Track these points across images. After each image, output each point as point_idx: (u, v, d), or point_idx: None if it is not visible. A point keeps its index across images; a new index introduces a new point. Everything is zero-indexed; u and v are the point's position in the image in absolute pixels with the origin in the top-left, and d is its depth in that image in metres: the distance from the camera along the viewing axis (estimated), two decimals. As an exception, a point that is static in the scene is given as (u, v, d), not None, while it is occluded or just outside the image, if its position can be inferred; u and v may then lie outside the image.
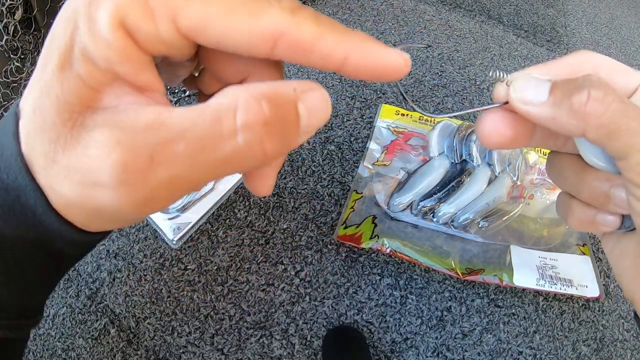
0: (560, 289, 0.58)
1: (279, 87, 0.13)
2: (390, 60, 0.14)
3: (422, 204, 0.63)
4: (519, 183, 0.66)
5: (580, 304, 0.61)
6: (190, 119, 0.12)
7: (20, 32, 0.66)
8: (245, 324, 0.57)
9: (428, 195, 0.64)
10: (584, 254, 0.62)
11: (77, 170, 0.12)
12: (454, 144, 0.67)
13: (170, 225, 0.60)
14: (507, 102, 0.18)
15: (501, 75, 0.18)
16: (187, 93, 0.80)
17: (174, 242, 0.60)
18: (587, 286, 0.59)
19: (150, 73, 0.13)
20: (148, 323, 0.56)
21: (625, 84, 0.18)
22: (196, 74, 0.18)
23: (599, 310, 0.61)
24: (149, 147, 0.12)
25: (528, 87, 0.17)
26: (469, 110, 0.19)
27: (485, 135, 0.18)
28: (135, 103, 0.13)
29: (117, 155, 0.12)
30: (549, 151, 0.21)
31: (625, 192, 0.17)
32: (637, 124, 0.15)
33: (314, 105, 0.14)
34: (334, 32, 0.13)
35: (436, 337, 0.58)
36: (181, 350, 0.54)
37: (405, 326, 0.58)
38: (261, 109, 0.12)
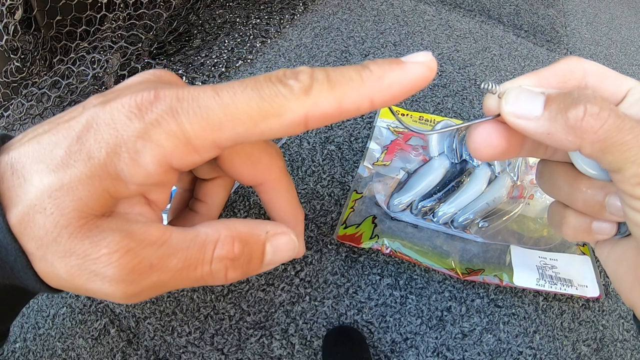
0: (560, 289, 0.58)
1: (254, 229, 0.17)
2: (413, 76, 0.15)
3: (422, 204, 0.63)
4: (519, 183, 0.66)
5: (580, 304, 0.61)
6: (184, 243, 0.16)
7: (20, 32, 0.66)
8: (245, 324, 0.57)
9: (428, 195, 0.64)
10: (584, 254, 0.62)
11: (80, 257, 0.14)
12: (454, 144, 0.67)
13: (170, 225, 0.60)
14: (498, 115, 0.17)
15: (492, 86, 0.18)
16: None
17: (174, 242, 0.60)
18: (587, 286, 0.59)
19: (167, 194, 0.16)
20: (148, 323, 0.56)
21: (615, 90, 0.18)
22: None
23: (599, 310, 0.61)
24: (151, 259, 0.15)
25: (521, 100, 0.17)
26: (460, 125, 0.19)
27: (477, 148, 0.18)
28: (142, 214, 0.16)
29: (126, 261, 0.14)
30: None
31: (621, 202, 0.17)
32: (632, 137, 0.15)
33: (280, 247, 0.17)
34: (350, 87, 0.14)
35: (436, 337, 0.58)
36: (181, 350, 0.54)
37: (405, 326, 0.58)
38: (232, 248, 0.16)
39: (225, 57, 0.88)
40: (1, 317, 0.19)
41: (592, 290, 0.59)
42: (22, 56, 0.69)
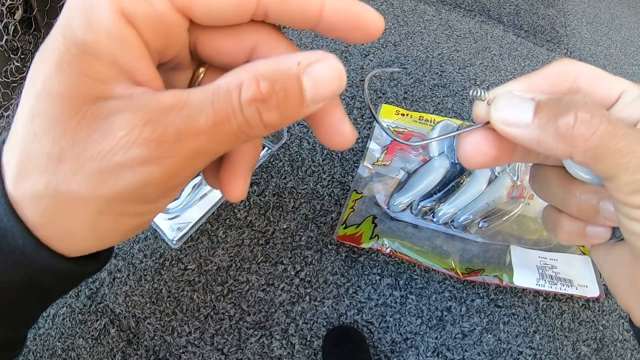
0: (560, 289, 0.58)
1: (280, 63, 0.14)
2: (365, 13, 0.15)
3: (422, 204, 0.63)
4: (519, 183, 0.66)
5: (580, 304, 0.61)
6: (207, 98, 0.13)
7: (20, 32, 0.66)
8: (245, 324, 0.57)
9: (428, 195, 0.64)
10: (584, 254, 0.62)
11: (95, 157, 0.12)
12: (454, 144, 0.67)
13: (170, 225, 0.60)
14: (488, 122, 0.17)
15: (481, 93, 0.17)
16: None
17: (174, 242, 0.60)
18: (587, 286, 0.59)
19: (151, 68, 0.14)
20: (148, 323, 0.56)
21: (608, 92, 0.17)
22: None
23: (599, 310, 0.61)
24: (176, 124, 0.13)
25: (510, 107, 0.16)
26: (448, 135, 0.19)
27: (467, 156, 0.18)
28: (147, 92, 0.13)
29: (148, 133, 0.12)
30: None
31: (614, 209, 0.16)
32: (625, 144, 0.14)
33: (321, 77, 0.14)
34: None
35: (436, 337, 0.58)
36: (181, 350, 0.54)
37: (405, 326, 0.58)
38: (257, 88, 0.13)
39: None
40: (18, 320, 0.17)
41: (592, 290, 0.59)
42: (22, 56, 0.69)
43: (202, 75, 0.17)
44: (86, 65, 0.13)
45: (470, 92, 0.17)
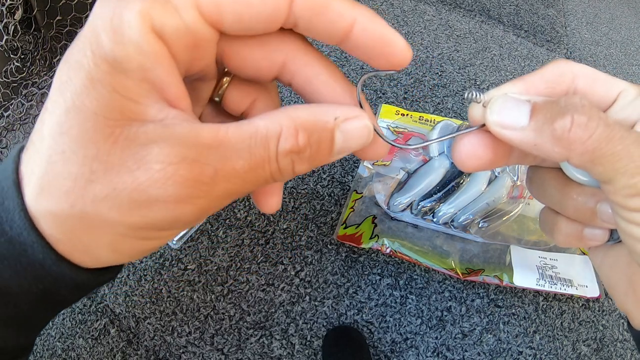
0: (560, 289, 0.58)
1: (320, 115, 0.14)
2: (394, 38, 0.14)
3: (422, 204, 0.63)
4: (519, 183, 0.66)
5: (580, 304, 0.61)
6: (245, 140, 0.13)
7: (20, 32, 0.66)
8: (245, 324, 0.57)
9: (428, 195, 0.64)
10: (584, 254, 0.62)
11: (129, 186, 0.12)
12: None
13: (170, 225, 0.60)
14: (484, 125, 0.17)
15: (476, 95, 0.17)
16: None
17: (174, 242, 0.60)
18: (587, 286, 0.59)
19: (180, 84, 0.14)
20: (148, 323, 0.56)
21: (605, 93, 0.17)
22: (217, 99, 0.18)
23: (599, 310, 0.61)
24: (214, 164, 0.13)
25: (506, 110, 0.16)
26: (445, 137, 0.18)
27: (463, 159, 0.18)
28: (179, 118, 0.13)
29: (185, 172, 0.12)
30: None
31: (612, 212, 0.16)
32: (622, 147, 0.14)
33: (352, 133, 0.15)
34: None
35: (436, 337, 0.58)
36: (181, 350, 0.54)
37: (405, 326, 0.58)
38: (296, 141, 0.14)
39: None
40: (30, 329, 0.17)
41: (592, 290, 0.59)
42: (22, 56, 0.69)
43: (225, 85, 0.17)
44: (117, 82, 0.12)
45: (466, 95, 0.17)
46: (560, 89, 0.17)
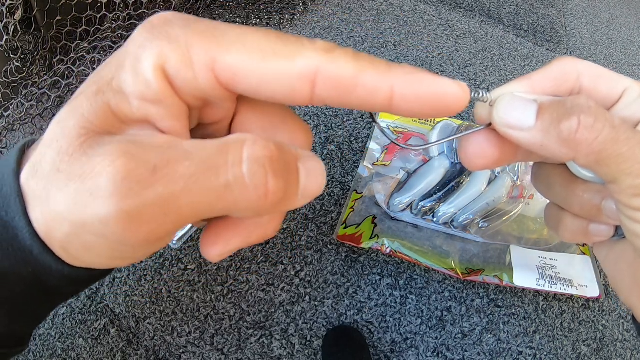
0: (560, 289, 0.58)
1: (284, 142, 0.14)
2: (443, 89, 0.13)
3: (422, 204, 0.63)
4: (518, 183, 0.66)
5: (580, 304, 0.61)
6: (200, 144, 0.13)
7: (20, 32, 0.66)
8: (245, 324, 0.57)
9: (428, 195, 0.64)
10: (584, 254, 0.62)
11: (77, 177, 0.12)
12: (454, 144, 0.67)
13: (170, 225, 0.60)
14: (490, 124, 0.17)
15: (482, 95, 0.17)
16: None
17: (174, 242, 0.60)
18: (587, 286, 0.59)
19: (179, 123, 0.14)
20: (148, 323, 0.56)
21: (610, 91, 0.17)
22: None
23: (599, 310, 0.61)
24: (154, 160, 0.12)
25: (513, 110, 0.16)
26: (450, 138, 0.18)
27: (470, 159, 0.18)
28: (153, 133, 0.13)
29: (120, 163, 0.12)
30: None
31: (617, 210, 0.16)
32: (628, 149, 0.14)
33: (312, 170, 0.14)
34: (375, 66, 0.13)
35: (436, 337, 0.58)
36: (181, 350, 0.54)
37: (405, 326, 0.58)
38: (268, 146, 0.12)
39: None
40: (23, 316, 0.17)
41: (592, 290, 0.59)
42: (22, 56, 0.69)
43: None
44: (114, 99, 0.13)
45: (472, 94, 0.17)
46: (565, 87, 0.17)
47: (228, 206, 0.13)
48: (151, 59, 0.12)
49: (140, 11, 0.79)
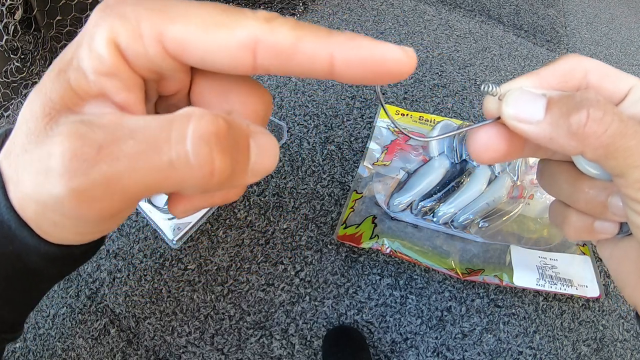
0: (560, 289, 0.58)
1: (235, 116, 0.14)
2: (386, 54, 0.13)
3: (422, 204, 0.63)
4: (519, 183, 0.66)
5: (580, 304, 0.61)
6: (147, 121, 0.12)
7: (20, 32, 0.66)
8: (245, 324, 0.57)
9: (428, 195, 0.64)
10: (584, 254, 0.62)
11: (37, 157, 0.13)
12: (454, 144, 0.67)
13: (170, 225, 0.60)
14: (499, 118, 0.17)
15: (492, 88, 0.17)
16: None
17: (174, 242, 0.60)
18: (587, 286, 0.59)
19: (134, 95, 0.14)
20: (148, 323, 0.56)
21: (616, 89, 0.17)
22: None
23: (599, 310, 0.61)
24: (100, 140, 0.12)
25: (522, 103, 0.16)
26: (460, 130, 0.19)
27: (479, 152, 0.18)
28: (110, 112, 0.14)
29: (69, 144, 0.12)
30: None
31: (623, 204, 0.16)
32: (636, 142, 0.15)
33: (264, 146, 0.14)
34: (314, 33, 0.13)
35: (436, 337, 0.58)
36: (181, 350, 0.54)
37: (405, 326, 0.58)
38: (216, 121, 0.12)
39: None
40: (10, 301, 0.18)
41: (592, 290, 0.59)
42: (22, 56, 0.69)
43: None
44: (73, 75, 0.13)
45: (482, 87, 0.17)
46: (572, 83, 0.17)
47: (175, 184, 0.13)
48: (104, 34, 0.13)
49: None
